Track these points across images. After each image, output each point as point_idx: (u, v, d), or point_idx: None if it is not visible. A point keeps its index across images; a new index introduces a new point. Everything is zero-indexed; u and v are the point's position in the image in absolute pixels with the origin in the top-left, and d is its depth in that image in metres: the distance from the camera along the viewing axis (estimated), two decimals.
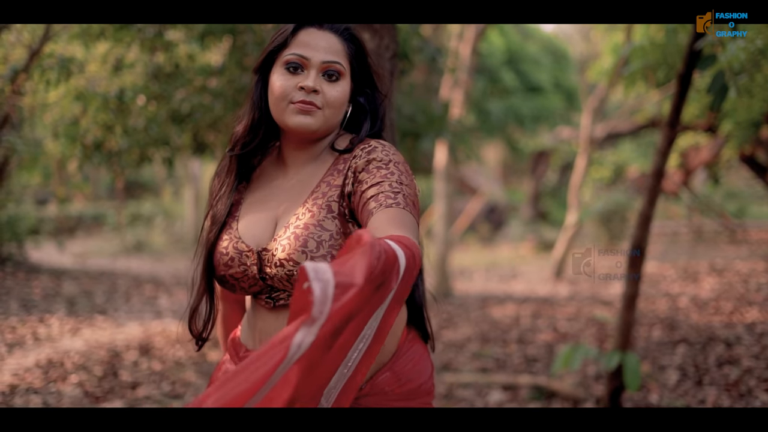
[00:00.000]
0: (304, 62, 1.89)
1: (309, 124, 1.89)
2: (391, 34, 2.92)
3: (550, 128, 22.12)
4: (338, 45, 1.92)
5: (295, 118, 1.89)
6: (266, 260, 1.87)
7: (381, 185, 1.80)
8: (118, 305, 9.52)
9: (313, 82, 1.87)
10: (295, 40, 1.91)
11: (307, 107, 1.87)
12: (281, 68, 1.91)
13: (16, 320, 8.02)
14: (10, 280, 10.98)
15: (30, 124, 12.58)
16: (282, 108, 1.90)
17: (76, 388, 5.63)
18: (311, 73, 1.88)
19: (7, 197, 13.10)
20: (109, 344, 7.17)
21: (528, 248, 16.87)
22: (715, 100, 4.00)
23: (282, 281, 1.85)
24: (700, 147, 14.94)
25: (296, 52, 1.89)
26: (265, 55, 1.94)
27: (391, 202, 1.75)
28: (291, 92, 1.88)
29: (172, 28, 6.13)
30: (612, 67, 7.28)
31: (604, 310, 8.69)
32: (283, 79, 1.89)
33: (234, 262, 1.90)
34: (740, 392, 5.17)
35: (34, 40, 11.56)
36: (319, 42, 1.90)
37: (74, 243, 18.19)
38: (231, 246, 1.91)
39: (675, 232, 17.83)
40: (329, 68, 1.90)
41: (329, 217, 1.84)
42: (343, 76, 1.92)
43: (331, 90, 1.90)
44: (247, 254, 1.89)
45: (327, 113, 1.90)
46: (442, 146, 10.12)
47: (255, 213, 1.95)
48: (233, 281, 1.92)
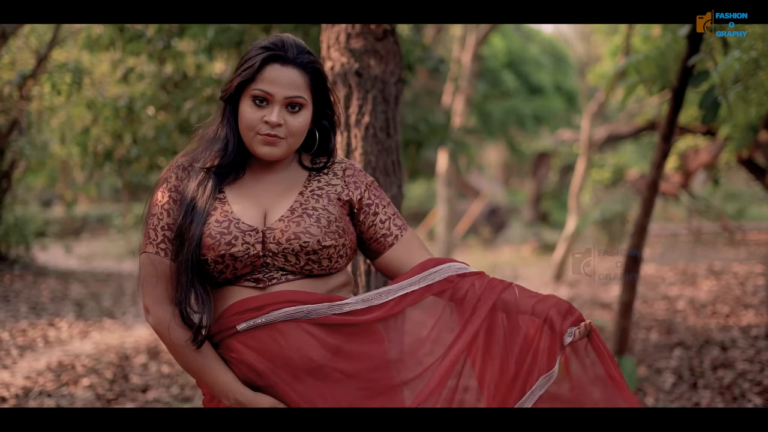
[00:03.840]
0: (269, 97, 2.10)
1: (274, 154, 2.13)
2: (396, 60, 3.08)
3: (551, 130, 22.25)
4: (300, 79, 2.13)
5: (262, 148, 2.12)
6: (271, 238, 2.07)
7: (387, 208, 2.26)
8: (126, 308, 9.67)
9: (276, 117, 2.09)
10: (261, 76, 2.10)
11: (272, 140, 2.11)
12: (249, 100, 2.11)
13: (26, 323, 8.19)
14: (18, 282, 11.14)
15: (37, 128, 12.71)
16: (250, 137, 2.13)
17: (88, 391, 5.79)
18: (275, 109, 2.10)
19: (15, 200, 13.26)
20: (119, 347, 7.32)
21: (529, 250, 16.99)
22: (706, 114, 4.15)
23: (285, 256, 2.07)
24: (699, 149, 15.08)
25: (262, 87, 2.09)
26: (232, 88, 2.13)
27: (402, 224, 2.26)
28: (257, 124, 2.10)
29: (180, 38, 6.30)
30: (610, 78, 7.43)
31: (604, 313, 8.83)
32: (251, 111, 2.10)
33: (237, 241, 2.06)
34: (734, 395, 5.32)
35: (41, 45, 11.74)
36: (282, 78, 2.10)
37: (80, 245, 18.34)
38: (232, 226, 2.08)
39: (674, 234, 17.94)
40: (291, 102, 2.12)
41: (332, 204, 2.17)
42: (304, 106, 2.15)
43: (293, 121, 2.12)
44: (251, 233, 2.08)
45: (290, 141, 2.14)
46: (444, 152, 10.28)
47: (244, 201, 2.15)
48: (230, 261, 2.07)
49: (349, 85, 3.06)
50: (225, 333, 2.10)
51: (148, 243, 2.12)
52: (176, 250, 2.10)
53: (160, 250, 2.11)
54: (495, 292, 2.12)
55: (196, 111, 6.17)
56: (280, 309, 2.04)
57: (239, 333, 2.07)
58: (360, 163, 3.04)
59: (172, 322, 2.08)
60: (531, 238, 17.74)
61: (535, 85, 21.83)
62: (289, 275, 2.10)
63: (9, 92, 11.27)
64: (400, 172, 3.13)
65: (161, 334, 2.10)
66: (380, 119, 3.05)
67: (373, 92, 3.05)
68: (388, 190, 3.06)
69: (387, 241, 2.23)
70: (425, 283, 2.13)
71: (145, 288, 2.12)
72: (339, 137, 3.07)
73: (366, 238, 2.24)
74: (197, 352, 2.09)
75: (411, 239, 2.25)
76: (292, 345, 2.04)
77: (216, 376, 2.09)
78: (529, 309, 2.12)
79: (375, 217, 2.23)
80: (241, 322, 2.06)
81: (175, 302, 2.11)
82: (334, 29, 3.09)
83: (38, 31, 12.08)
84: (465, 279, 2.15)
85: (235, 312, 2.08)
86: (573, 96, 22.28)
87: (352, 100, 3.06)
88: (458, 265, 2.17)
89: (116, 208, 21.93)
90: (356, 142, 3.04)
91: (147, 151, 6.51)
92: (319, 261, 2.10)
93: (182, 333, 2.08)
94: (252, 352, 2.06)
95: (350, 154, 3.05)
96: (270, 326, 2.05)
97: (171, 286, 2.11)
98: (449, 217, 11.35)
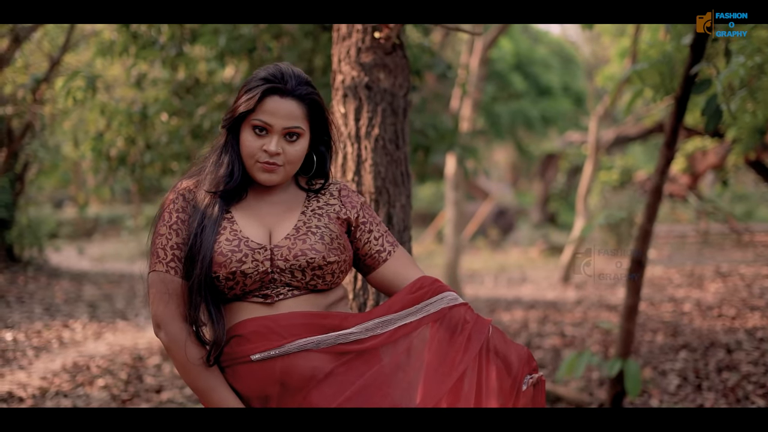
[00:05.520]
0: (268, 127, 2.23)
1: (272, 180, 2.28)
2: (404, 73, 3.19)
3: (559, 131, 22.28)
4: (298, 110, 2.26)
5: (261, 175, 2.27)
6: (279, 255, 2.21)
7: (380, 226, 2.43)
8: (138, 310, 9.79)
9: (275, 146, 2.23)
10: (261, 107, 2.23)
11: (270, 167, 2.25)
12: (250, 129, 2.25)
13: (41, 324, 8.31)
14: (32, 284, 11.28)
15: (50, 130, 12.83)
16: (250, 164, 2.27)
17: (103, 391, 5.90)
18: (274, 139, 2.23)
19: (28, 202, 13.39)
20: (132, 349, 7.44)
21: (537, 252, 17.05)
22: (709, 122, 4.24)
23: (292, 272, 2.21)
24: (707, 151, 15.13)
25: (261, 119, 2.23)
26: (234, 118, 2.26)
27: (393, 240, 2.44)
28: (257, 153, 2.24)
29: (192, 45, 6.41)
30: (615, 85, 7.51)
31: (611, 316, 8.91)
32: (251, 140, 2.24)
33: (248, 258, 2.19)
34: (737, 397, 5.40)
35: (54, 49, 11.87)
36: (281, 110, 2.23)
37: (91, 246, 18.49)
38: (242, 244, 2.21)
39: (682, 235, 17.96)
40: (289, 131, 2.25)
41: (333, 223, 2.32)
42: (302, 135, 2.28)
43: (291, 149, 2.26)
44: (260, 251, 2.21)
45: (288, 168, 2.29)
46: (452, 156, 10.35)
47: (250, 221, 2.28)
48: (241, 278, 2.19)
49: (359, 98, 3.15)
50: (236, 361, 2.21)
51: (157, 262, 2.22)
52: (187, 268, 2.20)
53: (170, 268, 2.20)
54: (483, 332, 2.28)
55: (208, 117, 6.28)
56: (293, 341, 2.17)
57: (252, 362, 2.18)
58: (370, 173, 3.14)
59: (188, 340, 2.18)
60: (539, 240, 17.79)
61: (543, 87, 21.86)
62: (295, 290, 2.23)
63: (23, 96, 11.43)
64: (408, 183, 3.23)
65: (175, 351, 2.19)
66: (389, 131, 3.15)
67: (383, 105, 3.15)
68: (397, 200, 3.16)
69: (381, 257, 2.39)
70: (422, 315, 2.27)
71: (156, 306, 2.20)
72: (350, 148, 3.18)
73: (361, 255, 2.39)
74: (208, 370, 2.19)
75: (402, 255, 2.42)
76: (301, 365, 2.18)
77: (224, 398, 2.19)
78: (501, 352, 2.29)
79: (369, 234, 2.39)
80: (255, 353, 2.17)
81: (188, 320, 2.21)
82: (344, 44, 3.19)
83: (51, 34, 12.23)
84: (455, 309, 2.30)
85: (252, 342, 2.19)
86: (581, 97, 22.31)
87: (362, 113, 3.15)
88: (450, 296, 2.32)
89: (127, 210, 22.08)
90: (366, 154, 3.14)
91: (160, 156, 6.63)
92: (323, 276, 2.24)
93: (197, 351, 2.18)
94: (261, 380, 2.18)
95: (361, 165, 3.15)
96: (282, 356, 2.17)
97: (182, 304, 2.21)
98: (457, 220, 11.42)
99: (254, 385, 2.18)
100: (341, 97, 3.22)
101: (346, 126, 3.19)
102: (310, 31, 6.05)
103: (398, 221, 3.19)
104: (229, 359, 2.21)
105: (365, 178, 3.16)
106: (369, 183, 3.15)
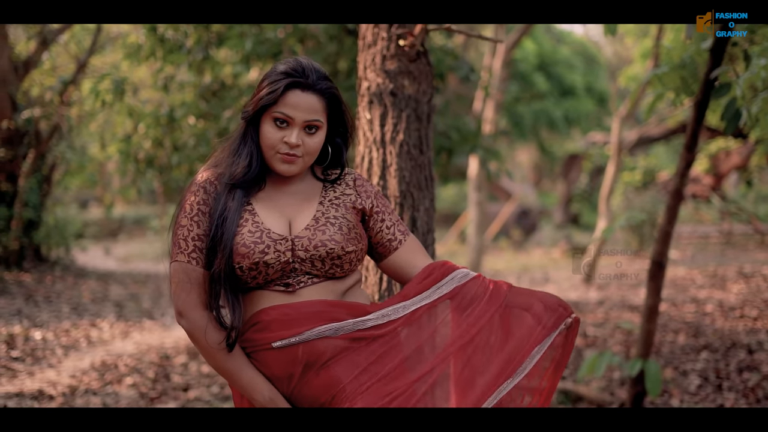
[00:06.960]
0: (290, 120, 2.31)
1: (292, 170, 2.36)
2: (428, 80, 3.27)
3: (582, 132, 22.27)
4: (318, 104, 2.34)
5: (281, 166, 2.34)
6: (300, 245, 2.29)
7: (392, 215, 2.52)
8: (164, 309, 9.92)
9: (296, 138, 2.31)
10: (284, 100, 2.30)
11: (290, 158, 2.33)
12: (270, 121, 2.32)
13: (69, 324, 8.46)
14: (59, 283, 11.44)
15: (77, 132, 12.98)
16: (270, 155, 2.34)
17: (132, 389, 6.02)
18: (294, 131, 2.31)
19: (55, 203, 13.56)
20: (159, 347, 7.56)
21: (559, 253, 17.05)
22: (728, 125, 4.28)
23: (312, 262, 2.30)
24: (730, 151, 15.11)
25: (283, 111, 2.30)
26: (256, 109, 2.33)
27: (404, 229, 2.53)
28: (278, 144, 2.32)
29: (218, 48, 6.51)
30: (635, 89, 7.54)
31: (632, 316, 8.92)
32: (272, 132, 2.32)
33: (270, 249, 2.27)
34: (757, 397, 5.44)
35: (80, 52, 12.03)
36: (302, 104, 2.31)
37: (117, 246, 18.69)
38: (264, 236, 2.29)
39: (705, 236, 17.89)
40: (309, 124, 2.33)
41: (349, 213, 2.41)
42: (320, 128, 2.37)
43: (310, 141, 2.34)
44: (281, 242, 2.30)
45: (306, 159, 2.36)
46: (475, 157, 10.41)
47: (270, 212, 2.36)
48: (263, 268, 2.27)
49: (384, 105, 3.23)
50: (259, 347, 2.30)
51: (179, 252, 2.30)
52: (209, 259, 2.29)
53: (191, 259, 2.29)
54: (500, 296, 2.40)
55: (234, 120, 6.38)
56: (313, 329, 2.25)
57: (273, 349, 2.27)
58: (395, 178, 3.22)
59: (209, 325, 2.28)
60: (561, 241, 17.77)
61: (566, 87, 21.87)
62: (314, 278, 2.32)
63: (50, 98, 11.61)
64: (432, 187, 3.31)
65: (197, 337, 2.29)
66: (413, 137, 3.23)
67: (407, 111, 3.23)
68: (421, 204, 3.25)
69: (392, 245, 2.49)
70: (436, 297, 2.39)
71: (178, 294, 2.29)
72: (375, 153, 3.26)
73: (374, 243, 2.49)
74: (230, 354, 2.28)
75: (413, 243, 2.52)
76: (322, 348, 2.27)
77: (251, 377, 2.29)
78: (524, 304, 2.40)
79: (382, 223, 2.48)
80: (276, 340, 2.26)
81: (209, 308, 2.30)
82: (370, 51, 3.27)
83: (78, 37, 12.41)
84: (467, 285, 2.41)
85: (273, 330, 2.28)
86: (604, 97, 22.29)
87: (387, 119, 3.23)
88: (460, 274, 2.44)
89: (153, 210, 22.28)
90: (391, 159, 3.22)
91: (187, 158, 6.75)
92: (341, 265, 2.34)
93: (217, 336, 2.27)
94: (285, 363, 2.27)
95: (386, 170, 3.23)
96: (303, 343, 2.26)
97: (204, 292, 2.30)
98: (480, 220, 11.49)
99: (280, 368, 2.28)
100: (367, 104, 3.30)
101: (372, 131, 3.27)
102: (334, 34, 6.14)
103: (422, 224, 3.27)
104: (252, 346, 2.31)
105: (390, 183, 3.23)
106: (394, 187, 3.23)
